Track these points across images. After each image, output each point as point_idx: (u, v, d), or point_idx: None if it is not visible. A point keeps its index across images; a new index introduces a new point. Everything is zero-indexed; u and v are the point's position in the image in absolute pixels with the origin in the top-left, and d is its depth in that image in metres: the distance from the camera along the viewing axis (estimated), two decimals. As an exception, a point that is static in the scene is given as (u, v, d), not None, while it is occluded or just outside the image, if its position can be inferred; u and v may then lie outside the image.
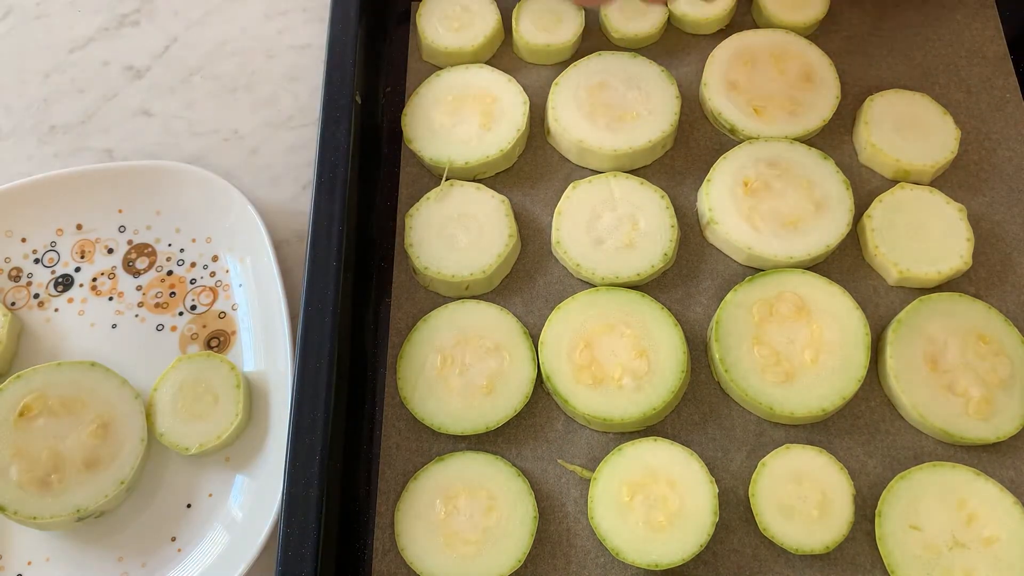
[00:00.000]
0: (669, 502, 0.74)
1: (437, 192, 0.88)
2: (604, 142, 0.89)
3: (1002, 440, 0.78)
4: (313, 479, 0.72)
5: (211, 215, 0.93)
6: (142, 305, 0.91)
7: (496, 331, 0.82)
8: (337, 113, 0.86)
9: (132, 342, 0.89)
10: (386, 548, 0.76)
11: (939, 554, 0.73)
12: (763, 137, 0.90)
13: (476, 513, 0.75)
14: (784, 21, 0.96)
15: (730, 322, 0.81)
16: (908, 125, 0.91)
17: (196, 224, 0.94)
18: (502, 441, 0.80)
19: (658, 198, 0.87)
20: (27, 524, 0.76)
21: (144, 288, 0.91)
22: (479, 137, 0.90)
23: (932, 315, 0.82)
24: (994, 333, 0.81)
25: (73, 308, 0.91)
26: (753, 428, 0.80)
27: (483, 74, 0.94)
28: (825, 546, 0.73)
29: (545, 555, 0.76)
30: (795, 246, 0.84)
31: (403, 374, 0.81)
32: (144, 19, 1.11)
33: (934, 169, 0.89)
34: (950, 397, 0.79)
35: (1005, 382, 0.79)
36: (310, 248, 0.80)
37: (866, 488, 0.78)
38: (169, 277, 0.92)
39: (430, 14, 0.98)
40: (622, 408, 0.78)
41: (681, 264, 0.87)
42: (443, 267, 0.85)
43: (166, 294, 0.91)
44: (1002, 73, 0.96)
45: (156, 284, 0.92)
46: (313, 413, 0.74)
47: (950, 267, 0.83)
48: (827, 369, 0.79)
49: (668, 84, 0.92)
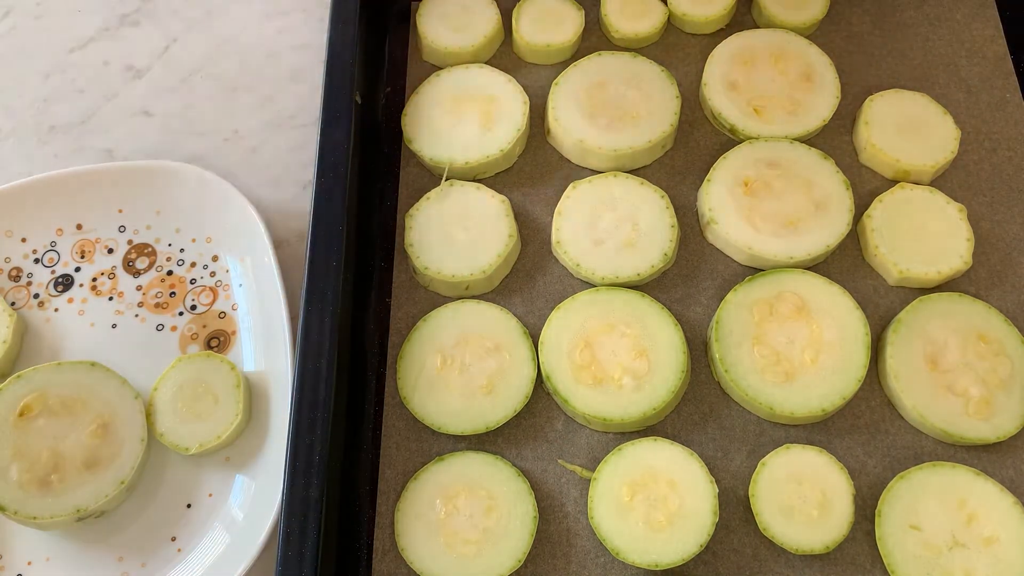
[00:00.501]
0: (669, 502, 0.74)
1: (437, 192, 0.88)
2: (604, 142, 0.89)
3: (1002, 440, 0.78)
4: (313, 479, 0.71)
5: (211, 215, 0.93)
6: (142, 305, 0.91)
7: (496, 331, 0.82)
8: (337, 113, 0.86)
9: (132, 342, 0.89)
10: (386, 548, 0.76)
11: (939, 554, 0.73)
12: (763, 137, 0.90)
13: (476, 513, 0.75)
14: (784, 21, 0.97)
15: (730, 322, 0.81)
16: (908, 126, 0.91)
17: (196, 224, 0.94)
18: (502, 441, 0.80)
19: (658, 198, 0.87)
20: (27, 524, 0.76)
21: (144, 288, 0.91)
22: (479, 137, 0.90)
23: (932, 315, 0.82)
24: (994, 333, 0.81)
25: (73, 308, 0.91)
26: (753, 428, 0.80)
27: (483, 74, 0.94)
28: (825, 546, 0.73)
29: (545, 555, 0.76)
30: (795, 246, 0.84)
31: (403, 374, 0.81)
32: (144, 19, 1.11)
33: (934, 169, 0.89)
34: (950, 397, 0.79)
35: (1005, 382, 0.79)
36: (310, 248, 0.80)
37: (866, 488, 0.78)
38: (169, 277, 0.92)
39: (430, 14, 0.98)
40: (622, 408, 0.78)
41: (681, 264, 0.87)
42: (443, 267, 0.85)
43: (166, 294, 0.91)
44: (1002, 73, 0.96)
45: (156, 284, 0.92)
46: (313, 413, 0.74)
47: (950, 267, 0.83)
48: (827, 369, 0.79)
49: (668, 84, 0.92)
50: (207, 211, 0.93)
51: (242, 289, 0.90)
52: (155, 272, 0.92)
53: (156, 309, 0.90)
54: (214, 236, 0.93)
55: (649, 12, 0.97)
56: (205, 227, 0.93)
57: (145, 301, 0.91)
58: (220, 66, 1.07)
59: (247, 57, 1.08)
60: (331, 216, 0.81)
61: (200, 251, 0.93)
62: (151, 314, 0.90)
